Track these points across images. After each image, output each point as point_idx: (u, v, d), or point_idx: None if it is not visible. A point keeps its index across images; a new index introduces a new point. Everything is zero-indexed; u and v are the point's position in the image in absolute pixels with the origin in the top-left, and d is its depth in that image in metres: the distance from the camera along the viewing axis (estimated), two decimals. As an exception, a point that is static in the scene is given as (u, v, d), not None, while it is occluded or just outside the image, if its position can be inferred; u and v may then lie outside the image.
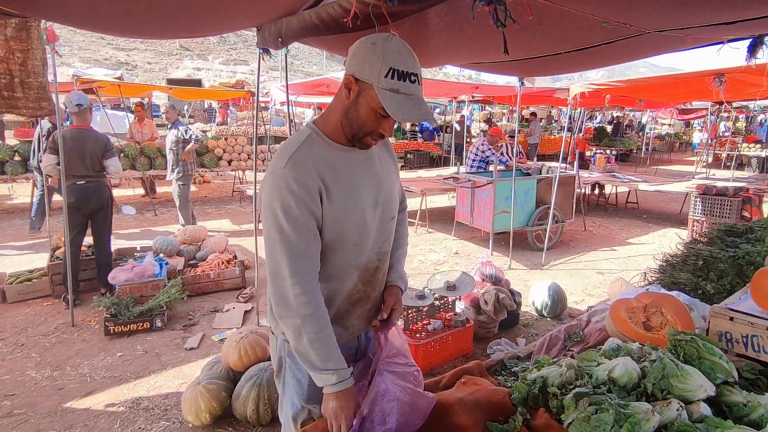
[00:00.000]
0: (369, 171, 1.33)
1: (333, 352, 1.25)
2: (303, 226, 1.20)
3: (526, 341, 3.66)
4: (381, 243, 1.38)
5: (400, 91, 1.15)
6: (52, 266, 4.35)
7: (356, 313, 1.40)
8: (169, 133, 6.00)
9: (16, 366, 3.21)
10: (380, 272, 1.41)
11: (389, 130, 1.24)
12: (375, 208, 1.33)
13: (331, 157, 1.26)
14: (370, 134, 1.23)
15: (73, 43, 39.39)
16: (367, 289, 1.38)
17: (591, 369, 1.68)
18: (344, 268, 1.32)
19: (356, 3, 1.75)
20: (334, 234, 1.26)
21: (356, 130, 1.23)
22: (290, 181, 1.18)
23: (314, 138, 1.27)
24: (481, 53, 2.88)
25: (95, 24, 2.63)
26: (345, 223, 1.26)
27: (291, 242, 1.20)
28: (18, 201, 8.29)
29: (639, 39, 2.27)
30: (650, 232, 7.26)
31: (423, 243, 6.39)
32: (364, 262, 1.34)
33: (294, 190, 1.18)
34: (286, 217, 1.19)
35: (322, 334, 1.23)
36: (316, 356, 1.23)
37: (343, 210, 1.25)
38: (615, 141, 14.88)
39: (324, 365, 1.24)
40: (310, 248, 1.23)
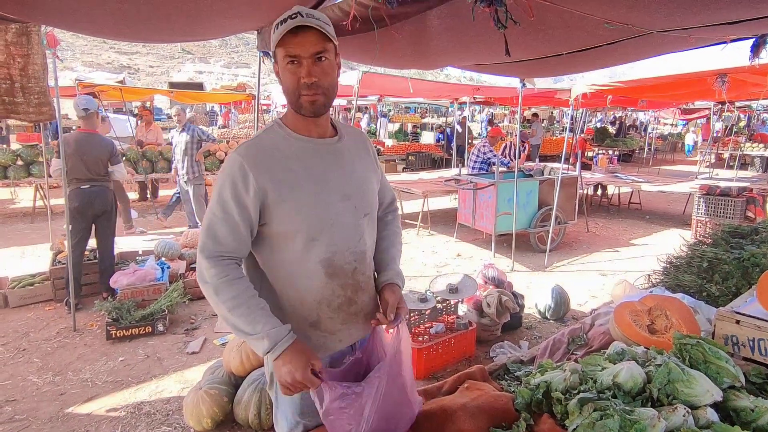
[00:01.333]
0: (336, 163, 1.31)
1: (257, 313, 1.19)
2: (226, 211, 1.21)
3: (530, 344, 3.64)
4: (356, 242, 1.32)
5: (279, 27, 1.18)
6: (54, 271, 4.35)
7: (340, 318, 1.34)
8: (179, 135, 5.93)
9: (17, 371, 3.20)
10: (360, 274, 1.35)
11: (306, 73, 1.19)
12: (344, 202, 1.29)
13: (290, 146, 1.27)
14: (299, 91, 1.21)
15: (76, 47, 39.58)
16: (347, 292, 1.32)
17: (595, 374, 1.66)
18: (305, 265, 1.27)
19: (355, 5, 1.73)
20: (287, 227, 1.24)
21: (290, 96, 1.24)
22: (234, 167, 1.21)
23: (275, 129, 1.30)
24: (483, 55, 2.87)
25: (95, 29, 2.63)
26: (302, 215, 1.23)
27: (213, 221, 1.23)
28: (20, 205, 8.31)
29: (641, 39, 2.26)
30: (653, 233, 7.22)
31: (425, 245, 6.37)
32: (335, 261, 1.28)
33: (234, 177, 1.21)
34: (218, 199, 1.23)
35: (241, 298, 1.19)
36: (240, 322, 1.19)
37: (300, 202, 1.23)
38: (617, 141, 14.83)
39: (252, 329, 1.18)
40: (227, 234, 1.22)
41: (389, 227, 1.55)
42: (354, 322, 1.37)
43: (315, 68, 1.20)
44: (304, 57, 1.19)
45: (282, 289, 1.31)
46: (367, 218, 1.36)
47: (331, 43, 1.22)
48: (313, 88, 1.20)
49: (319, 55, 1.20)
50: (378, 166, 1.49)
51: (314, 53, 1.19)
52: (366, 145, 1.46)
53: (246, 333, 1.19)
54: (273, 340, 1.17)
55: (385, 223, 1.54)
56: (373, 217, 1.42)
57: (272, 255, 1.29)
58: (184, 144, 5.85)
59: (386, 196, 1.56)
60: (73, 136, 4.20)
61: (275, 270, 1.30)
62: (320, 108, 1.24)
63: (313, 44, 1.19)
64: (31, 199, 7.58)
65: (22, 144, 7.84)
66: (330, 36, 1.20)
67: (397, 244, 1.53)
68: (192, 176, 5.96)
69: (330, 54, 1.23)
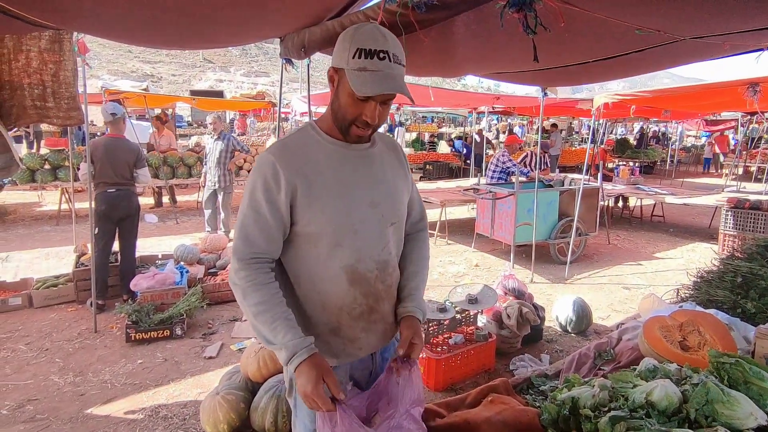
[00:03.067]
0: (365, 169, 1.30)
1: (280, 322, 1.18)
2: (258, 212, 1.21)
3: (551, 357, 3.55)
4: (379, 250, 1.29)
5: (367, 69, 1.14)
6: (77, 272, 4.42)
7: (360, 326, 1.31)
8: (214, 143, 6.01)
9: (40, 370, 3.25)
10: (382, 283, 1.31)
11: (371, 115, 1.19)
12: (371, 209, 1.27)
13: (321, 149, 1.26)
14: (353, 122, 1.21)
15: (103, 56, 40.83)
16: (368, 301, 1.30)
17: (626, 391, 1.59)
18: (328, 269, 1.25)
19: (383, 12, 1.73)
20: (312, 228, 1.23)
21: (341, 119, 1.23)
22: (266, 167, 1.21)
23: (308, 131, 1.30)
24: (507, 62, 2.84)
25: (125, 35, 2.69)
26: (325, 218, 1.22)
27: (245, 223, 1.23)
28: (47, 208, 8.53)
29: (672, 46, 2.20)
30: (678, 246, 7.02)
31: (443, 255, 6.31)
32: (358, 268, 1.26)
33: (266, 176, 1.21)
34: (250, 200, 1.23)
35: (267, 304, 1.19)
36: (263, 328, 1.19)
37: (325, 205, 1.22)
38: (638, 152, 14.57)
39: (274, 338, 1.18)
40: (259, 234, 1.22)
41: (419, 250, 1.47)
42: (374, 331, 1.34)
43: (379, 112, 1.21)
44: (375, 100, 1.18)
45: (304, 292, 1.30)
46: (393, 227, 1.33)
47: None
48: (369, 127, 1.22)
49: (387, 100, 1.21)
50: (409, 177, 1.46)
51: (386, 99, 1.20)
52: (398, 155, 1.43)
53: (268, 340, 1.20)
54: (291, 351, 1.16)
55: (415, 243, 1.48)
56: (401, 227, 1.39)
57: (297, 257, 1.29)
58: (218, 152, 5.91)
59: (414, 209, 1.50)
60: (102, 140, 4.30)
61: (299, 272, 1.30)
62: (364, 141, 1.28)
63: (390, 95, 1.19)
64: (57, 203, 7.78)
65: (50, 149, 8.08)
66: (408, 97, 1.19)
67: (424, 269, 1.47)
68: (223, 184, 6.02)
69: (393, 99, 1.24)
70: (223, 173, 5.99)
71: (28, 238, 6.64)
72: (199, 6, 1.89)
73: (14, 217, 7.84)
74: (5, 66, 2.77)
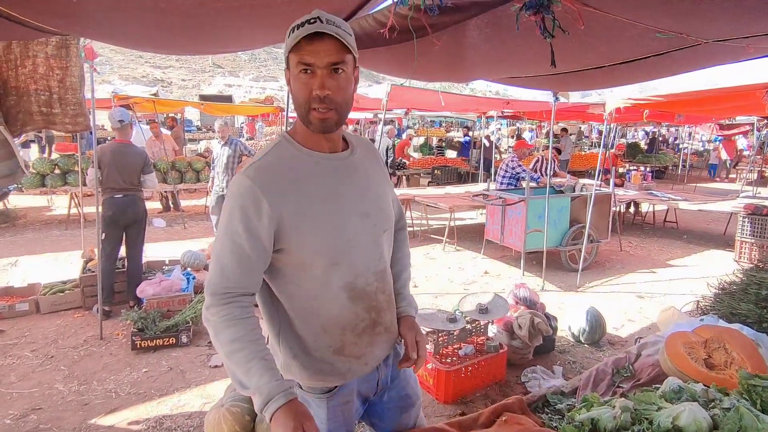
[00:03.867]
0: (351, 179, 1.22)
1: (255, 363, 1.07)
2: (236, 242, 1.10)
3: (564, 369, 3.45)
4: (376, 261, 1.24)
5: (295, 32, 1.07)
6: (83, 278, 4.41)
7: (365, 341, 1.25)
8: (222, 148, 6.01)
9: (45, 378, 3.22)
10: (381, 293, 1.27)
11: (319, 84, 1.08)
12: (363, 221, 1.20)
13: (302, 164, 1.17)
14: (309, 104, 1.11)
15: (114, 61, 41.37)
16: (371, 315, 1.24)
17: (650, 413, 1.51)
18: (326, 291, 1.17)
19: (393, 16, 1.67)
20: (306, 253, 1.14)
21: (299, 108, 1.14)
22: (244, 194, 1.11)
23: (284, 145, 1.19)
24: (520, 67, 2.77)
25: (131, 40, 2.66)
26: (318, 239, 1.13)
27: (220, 254, 1.13)
28: (56, 212, 8.57)
29: (693, 50, 2.12)
30: (693, 253, 6.87)
31: (451, 261, 6.22)
32: (358, 284, 1.20)
33: (245, 204, 1.10)
34: (227, 229, 1.12)
35: (241, 342, 1.08)
36: (237, 370, 1.08)
37: (317, 225, 1.13)
38: (650, 157, 14.36)
39: (248, 380, 1.07)
40: (237, 268, 1.11)
41: (402, 249, 1.46)
42: (379, 343, 1.30)
43: (330, 80, 1.09)
44: (319, 67, 1.08)
45: (302, 317, 1.21)
46: (385, 234, 1.29)
47: (350, 54, 1.12)
48: (326, 103, 1.10)
49: (335, 66, 1.09)
50: (388, 177, 1.41)
51: (330, 63, 1.09)
52: (377, 157, 1.37)
53: (241, 384, 1.09)
54: (266, 396, 1.05)
55: (396, 244, 1.44)
56: (392, 233, 1.35)
57: (289, 283, 1.19)
58: (225, 158, 5.90)
59: (396, 210, 1.45)
60: (109, 146, 4.29)
61: (293, 299, 1.20)
62: (331, 126, 1.15)
63: (331, 53, 1.08)
64: (66, 207, 7.81)
65: (61, 153, 8.13)
66: (350, 47, 1.10)
67: (408, 267, 1.48)
68: None
69: (348, 66, 1.12)
70: (231, 178, 5.97)
71: (37, 242, 6.67)
72: (206, 11, 1.84)
73: (24, 221, 7.89)
74: (12, 72, 2.76)
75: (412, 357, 1.29)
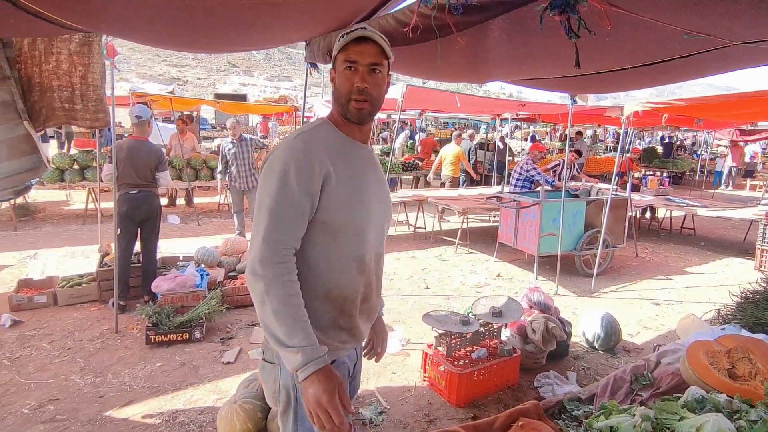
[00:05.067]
0: (374, 169, 1.40)
1: (299, 325, 1.16)
2: (292, 198, 1.20)
3: (578, 375, 3.40)
4: (379, 243, 1.41)
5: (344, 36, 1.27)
6: (100, 272, 4.47)
7: (356, 314, 1.36)
8: (237, 146, 6.10)
9: (61, 370, 3.27)
10: (376, 275, 1.42)
11: (360, 79, 1.26)
12: (380, 205, 1.38)
13: (340, 143, 1.32)
14: (350, 95, 1.27)
15: (132, 60, 42.04)
16: (366, 290, 1.38)
17: (672, 423, 1.47)
18: (341, 258, 1.30)
19: (416, 16, 1.66)
20: (339, 218, 1.26)
21: (341, 99, 1.29)
22: (298, 153, 1.22)
23: (325, 126, 1.34)
24: (540, 68, 2.73)
25: (152, 38, 2.69)
26: (352, 207, 1.27)
27: (276, 209, 1.20)
28: (74, 207, 8.72)
29: (720, 52, 2.07)
30: (710, 261, 6.73)
31: (463, 264, 6.19)
32: (366, 258, 1.34)
33: (299, 161, 1.21)
34: (281, 186, 1.20)
35: (289, 304, 1.17)
36: (279, 328, 1.15)
37: (351, 195, 1.28)
38: (667, 162, 14.12)
39: (289, 339, 1.15)
40: (293, 221, 1.21)
41: None
42: (363, 320, 1.41)
43: (369, 77, 1.27)
44: (362, 65, 1.26)
45: (309, 281, 1.28)
46: (387, 224, 1.47)
47: (386, 59, 1.30)
48: (364, 95, 1.27)
49: (374, 66, 1.27)
50: None
51: (371, 63, 1.27)
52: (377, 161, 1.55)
53: (280, 342, 1.16)
54: (307, 357, 1.14)
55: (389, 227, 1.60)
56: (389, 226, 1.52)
57: (309, 246, 1.28)
58: (242, 154, 6.05)
59: None
60: (125, 142, 4.35)
61: (308, 261, 1.28)
62: (366, 116, 1.31)
63: (372, 55, 1.27)
64: (84, 202, 7.95)
65: (79, 149, 8.28)
66: (387, 53, 1.29)
67: None
68: (251, 185, 6.15)
69: (383, 69, 1.30)
70: (250, 174, 6.11)
71: (55, 236, 6.79)
72: (226, 10, 1.85)
73: (43, 215, 8.04)
74: (36, 68, 2.81)
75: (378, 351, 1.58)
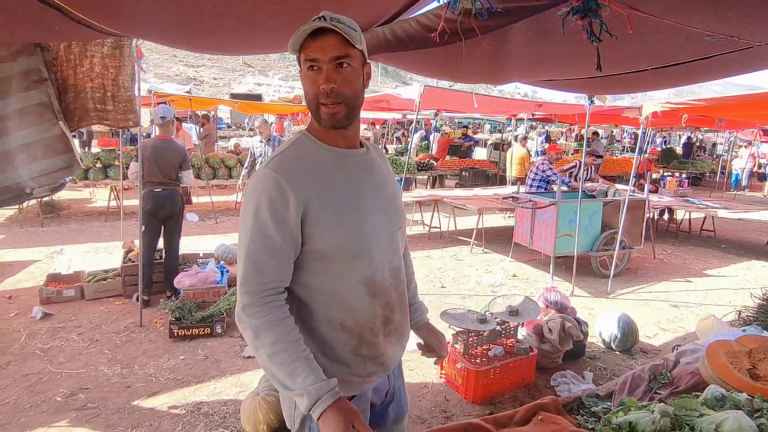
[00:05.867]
0: (369, 175, 1.25)
1: (299, 363, 1.07)
2: (268, 235, 1.10)
3: (594, 375, 3.41)
4: (391, 257, 1.25)
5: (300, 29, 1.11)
6: (125, 268, 4.61)
7: (380, 340, 1.24)
8: (265, 147, 6.25)
9: (90, 360, 3.40)
10: (396, 291, 1.27)
11: (325, 78, 1.10)
12: (380, 215, 1.22)
13: (324, 159, 1.18)
14: (318, 99, 1.12)
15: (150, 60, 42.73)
16: (385, 312, 1.24)
17: (692, 420, 1.50)
18: (346, 285, 1.17)
19: (443, 22, 1.71)
20: (330, 245, 1.14)
21: (309, 103, 1.15)
22: (270, 185, 1.10)
23: (303, 140, 1.21)
24: (559, 70, 2.76)
25: (181, 41, 2.78)
26: (343, 232, 1.14)
27: (252, 250, 1.10)
28: (97, 204, 8.96)
29: (743, 53, 2.07)
30: (731, 263, 6.63)
31: (479, 263, 6.20)
32: (376, 279, 1.20)
33: (271, 194, 1.10)
34: (255, 223, 1.11)
35: (282, 343, 1.08)
36: (279, 372, 1.07)
37: (340, 218, 1.14)
38: (686, 163, 13.90)
39: (292, 382, 1.07)
40: (273, 260, 1.11)
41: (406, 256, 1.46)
42: (391, 343, 1.28)
43: (335, 74, 1.11)
44: (324, 62, 1.10)
45: (321, 313, 1.19)
46: (399, 231, 1.31)
47: (354, 49, 1.12)
48: (332, 97, 1.11)
49: (340, 60, 1.11)
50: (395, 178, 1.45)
51: (334, 57, 1.10)
52: (386, 160, 1.41)
53: (284, 385, 1.08)
54: (314, 396, 1.05)
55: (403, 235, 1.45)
56: (404, 231, 1.38)
57: (309, 277, 1.18)
58: (269, 153, 6.16)
59: None
60: (150, 141, 4.48)
61: (313, 293, 1.19)
62: (340, 121, 1.15)
63: (334, 48, 1.09)
64: (107, 200, 8.16)
65: (102, 148, 8.50)
66: (353, 41, 1.10)
67: (413, 277, 1.52)
68: None
69: (353, 61, 1.13)
70: None
71: (80, 232, 6.99)
72: (257, 15, 1.93)
73: (68, 212, 8.28)
74: (71, 71, 2.93)
75: (442, 355, 1.46)
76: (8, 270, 5.18)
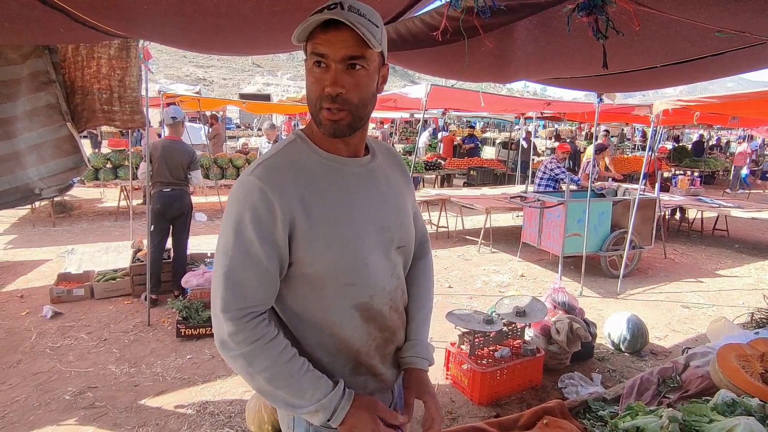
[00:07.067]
0: (370, 189, 1.08)
1: (301, 379, 0.98)
2: (251, 253, 0.96)
3: (603, 377, 3.36)
4: (389, 277, 1.10)
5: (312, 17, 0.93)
6: (133, 267, 4.65)
7: (378, 359, 1.13)
8: None
9: (99, 359, 3.43)
10: (396, 311, 1.14)
11: (330, 80, 0.94)
12: (381, 235, 1.07)
13: (316, 167, 1.02)
14: (320, 102, 0.96)
15: (160, 61, 43.20)
16: (384, 334, 1.12)
17: (701, 425, 1.46)
18: (339, 311, 1.05)
19: (445, 19, 1.69)
20: (319, 269, 1.01)
21: (310, 104, 1.00)
22: (255, 196, 0.95)
23: (298, 144, 1.05)
24: (565, 67, 2.72)
25: (185, 42, 2.79)
26: (333, 255, 1.00)
27: (233, 270, 0.96)
28: (107, 204, 9.06)
29: (755, 49, 2.02)
30: (744, 264, 6.51)
31: (486, 263, 6.16)
32: (373, 305, 1.07)
33: (255, 206, 0.95)
34: (236, 239, 0.96)
35: (279, 365, 0.97)
36: (283, 394, 0.98)
37: (331, 238, 1.00)
38: (698, 162, 13.69)
39: (300, 400, 0.98)
40: (256, 281, 0.98)
41: (420, 281, 1.26)
42: (393, 361, 1.19)
43: (345, 77, 0.94)
44: (334, 60, 0.93)
45: (310, 337, 1.07)
46: (403, 251, 1.15)
47: (371, 50, 0.95)
48: (338, 103, 0.95)
49: (352, 60, 0.94)
50: (413, 191, 1.26)
51: (346, 57, 0.93)
52: (400, 165, 1.22)
53: (292, 406, 0.99)
54: (329, 409, 0.98)
55: (415, 273, 1.25)
56: (410, 249, 1.19)
57: (296, 301, 1.06)
58: None
59: (418, 231, 1.27)
60: (160, 142, 4.51)
61: (300, 319, 1.07)
62: (342, 130, 0.99)
63: (347, 46, 0.92)
64: (116, 200, 8.25)
65: (112, 149, 8.60)
66: (369, 42, 0.92)
67: (428, 303, 1.26)
68: None
69: (369, 63, 0.96)
70: None
71: (90, 232, 7.08)
72: (261, 15, 1.92)
73: (78, 212, 8.39)
74: (78, 72, 2.96)
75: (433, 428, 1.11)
76: (20, 269, 5.26)
